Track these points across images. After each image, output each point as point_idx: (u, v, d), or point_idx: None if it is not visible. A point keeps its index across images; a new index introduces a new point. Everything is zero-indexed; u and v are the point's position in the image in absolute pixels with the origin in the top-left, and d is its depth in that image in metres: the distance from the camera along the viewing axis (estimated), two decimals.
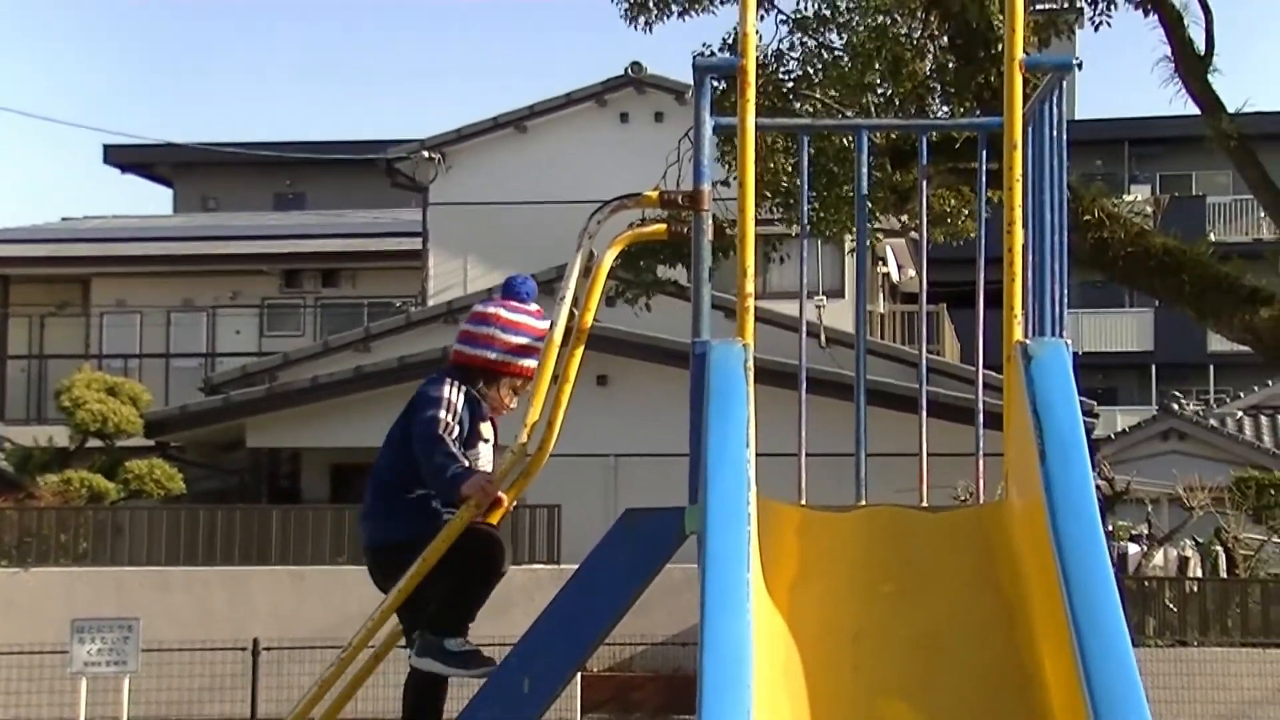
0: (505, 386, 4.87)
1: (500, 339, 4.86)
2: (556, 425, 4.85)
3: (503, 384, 4.87)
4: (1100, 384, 37.59)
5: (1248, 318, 10.74)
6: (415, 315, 23.44)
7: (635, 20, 13.27)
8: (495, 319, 4.90)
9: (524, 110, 25.63)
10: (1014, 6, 3.86)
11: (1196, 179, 39.13)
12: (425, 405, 4.81)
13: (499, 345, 4.85)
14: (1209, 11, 10.60)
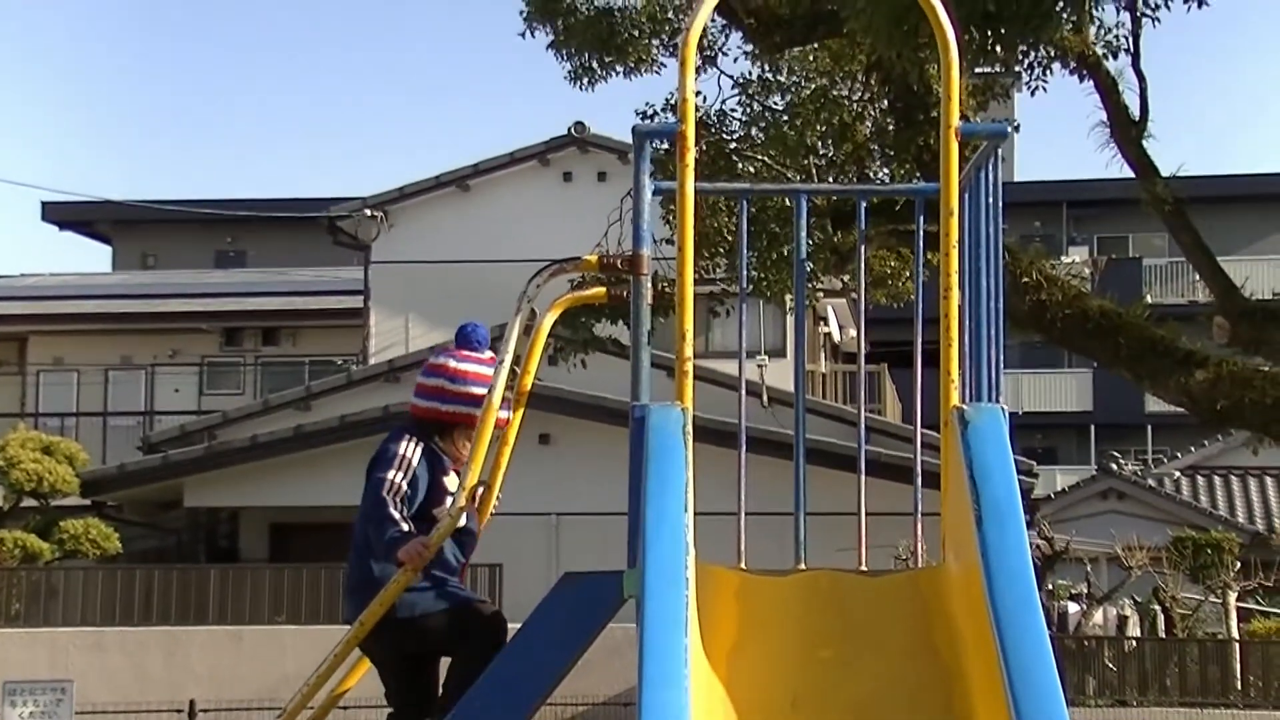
0: (460, 437, 4.81)
1: (449, 389, 4.81)
2: (496, 487, 4.83)
3: (457, 434, 4.81)
4: (1040, 443, 37.86)
5: (1183, 380, 10.82)
6: (356, 374, 23.35)
7: (579, 81, 13.34)
8: (443, 369, 4.86)
9: (467, 169, 25.68)
10: (950, 76, 3.90)
11: (1133, 241, 39.63)
12: (377, 465, 4.79)
13: (448, 395, 4.80)
14: (1143, 78, 10.73)
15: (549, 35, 13.24)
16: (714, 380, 16.64)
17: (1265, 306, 10.67)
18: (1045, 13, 9.25)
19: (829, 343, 29.10)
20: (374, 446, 4.81)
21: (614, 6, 13.49)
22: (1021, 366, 38.36)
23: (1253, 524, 28.37)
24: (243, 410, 23.28)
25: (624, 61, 13.38)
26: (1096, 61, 10.64)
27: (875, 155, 14.28)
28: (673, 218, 4.62)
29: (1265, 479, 30.19)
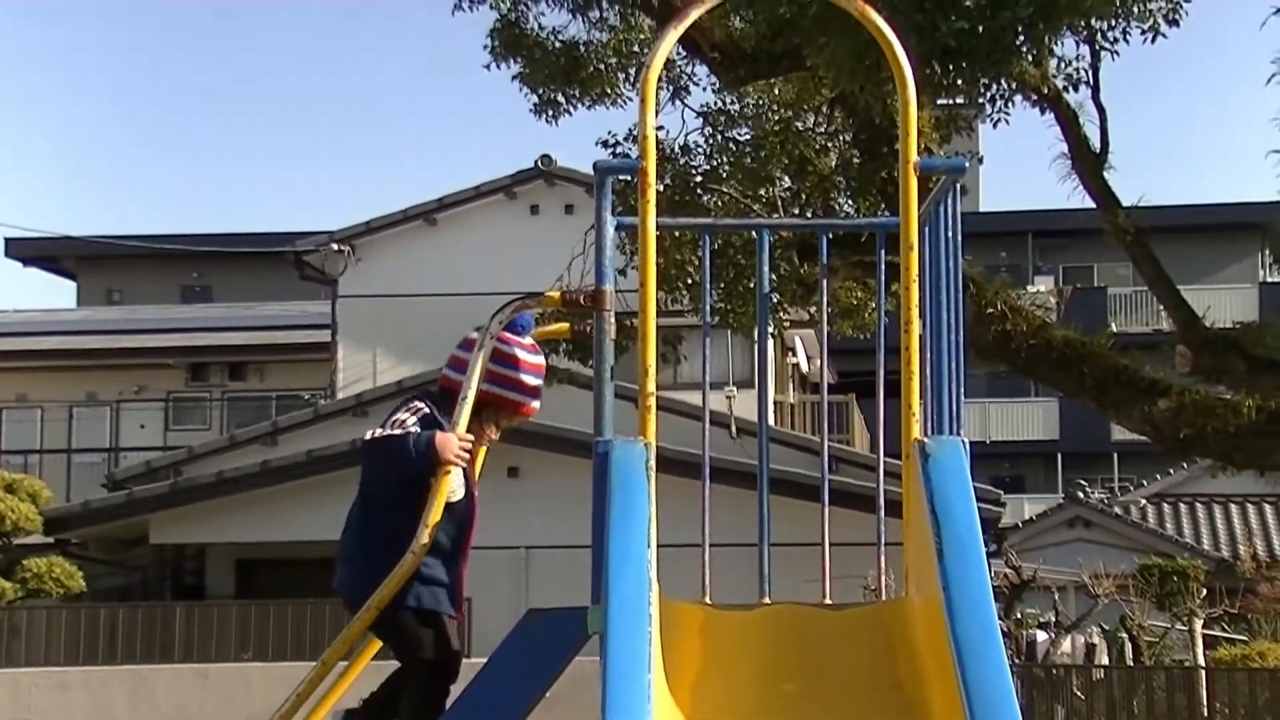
0: (489, 419, 4.66)
1: (490, 369, 4.60)
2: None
3: (484, 414, 4.63)
4: (1007, 472, 38.00)
5: (1147, 409, 10.88)
6: (324, 408, 23.28)
7: (544, 113, 13.38)
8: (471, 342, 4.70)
9: (433, 203, 25.69)
10: (908, 111, 3.94)
11: (1098, 271, 39.89)
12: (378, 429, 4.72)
13: (487, 374, 4.59)
14: (1103, 110, 10.83)
15: (515, 68, 13.29)
16: (681, 412, 16.65)
17: (1226, 335, 10.75)
18: (1005, 47, 9.34)
19: (797, 373, 29.17)
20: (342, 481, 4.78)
21: (580, 40, 13.56)
22: (988, 396, 38.54)
23: (1218, 551, 28.52)
24: (209, 446, 23.17)
25: (589, 95, 13.44)
26: (1057, 94, 10.73)
27: (840, 187, 14.36)
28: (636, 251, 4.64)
29: (1229, 506, 30.36)
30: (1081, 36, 10.19)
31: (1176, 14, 9.68)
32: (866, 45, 8.12)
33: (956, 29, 9.25)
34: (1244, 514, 30.19)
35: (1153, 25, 9.70)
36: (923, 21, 9.22)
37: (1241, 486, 25.74)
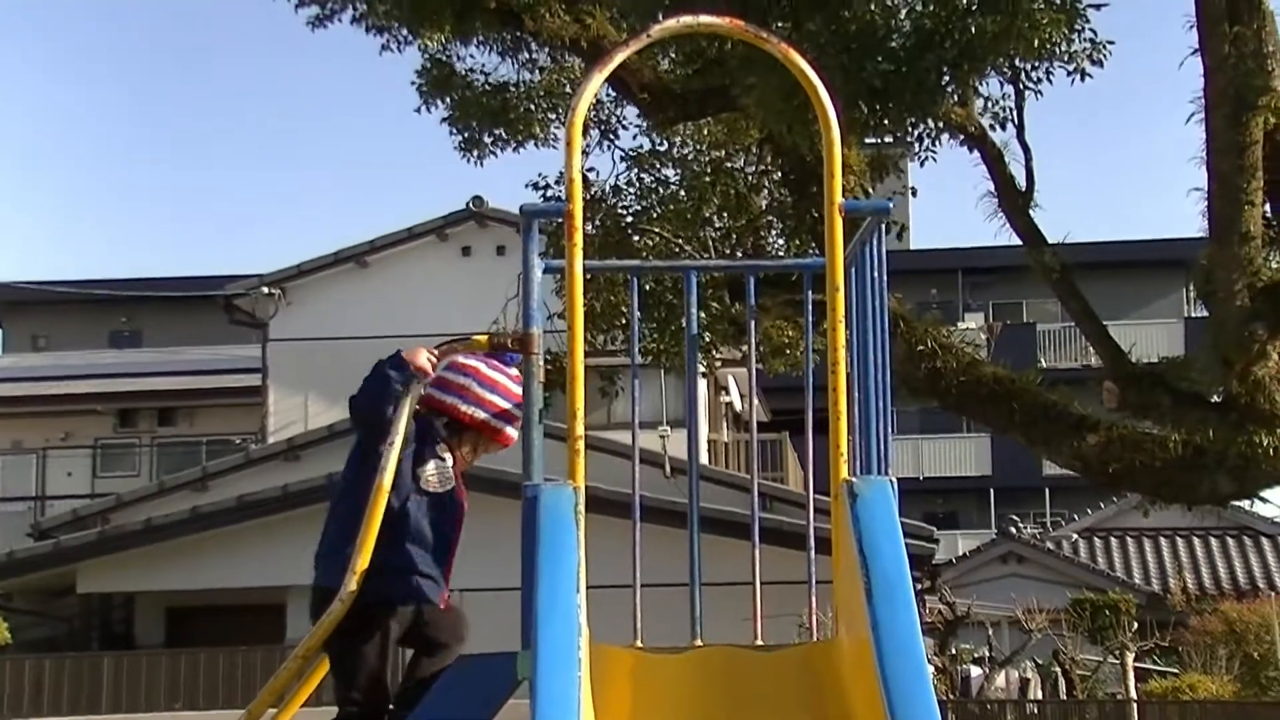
0: (469, 443, 4.72)
1: (475, 392, 4.66)
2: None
3: (465, 438, 4.71)
4: (940, 508, 38.23)
5: (1076, 445, 10.96)
6: (255, 453, 23.06)
7: (470, 154, 13.36)
8: (475, 372, 4.71)
9: (365, 245, 25.60)
10: (832, 153, 3.95)
11: (1027, 307, 40.30)
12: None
13: (472, 398, 4.66)
14: (1028, 149, 10.94)
15: (445, 110, 13.27)
16: (614, 451, 16.62)
17: (1152, 371, 10.85)
18: (930, 88, 9.42)
19: (730, 411, 29.23)
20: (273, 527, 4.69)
21: (509, 82, 13.56)
22: (921, 432, 38.79)
23: (1149, 584, 28.80)
24: (138, 493, 22.87)
25: (518, 136, 13.44)
26: (982, 134, 10.84)
27: (771, 226, 14.43)
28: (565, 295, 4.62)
29: (1159, 540, 30.67)
30: (1006, 77, 10.30)
31: (1100, 54, 9.80)
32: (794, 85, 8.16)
33: (882, 70, 9.33)
34: (1174, 547, 30.50)
35: (1077, 66, 9.81)
36: (848, 63, 9.30)
37: (1171, 520, 26.02)
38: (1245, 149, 9.50)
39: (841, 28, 9.47)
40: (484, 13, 11.19)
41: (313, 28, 11.92)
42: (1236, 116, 9.41)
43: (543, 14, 11.68)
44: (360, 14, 11.72)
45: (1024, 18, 9.20)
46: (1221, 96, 9.39)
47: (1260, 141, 9.60)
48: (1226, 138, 9.49)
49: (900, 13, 9.87)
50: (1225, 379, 10.05)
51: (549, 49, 13.03)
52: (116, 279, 34.17)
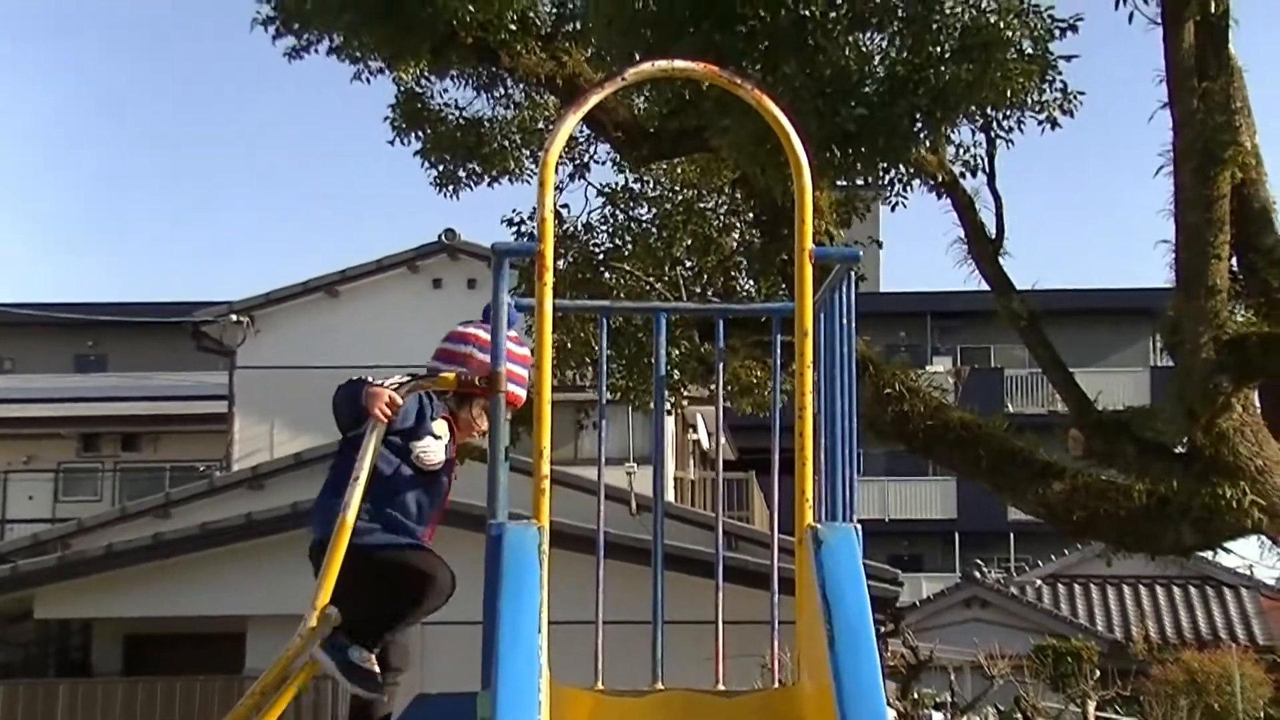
0: (477, 407, 4.76)
1: (477, 358, 4.67)
2: None
3: (475, 405, 4.75)
4: (905, 551, 38.28)
5: (1041, 491, 11.00)
6: (219, 480, 22.92)
7: (444, 188, 13.37)
8: (474, 339, 4.75)
9: (335, 275, 25.57)
10: (803, 200, 3.97)
11: (995, 352, 40.46)
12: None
13: (474, 365, 4.67)
14: (998, 197, 11.02)
15: (418, 143, 13.28)
16: (581, 487, 16.59)
17: (1118, 420, 10.90)
18: (903, 134, 9.49)
19: (697, 449, 29.23)
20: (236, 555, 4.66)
21: (484, 116, 13.58)
22: (888, 474, 38.86)
23: (1111, 632, 28.84)
24: (99, 518, 22.68)
25: (492, 171, 13.46)
26: (953, 180, 10.91)
27: (741, 267, 14.48)
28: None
29: (1123, 587, 30.74)
30: (977, 125, 10.38)
31: (1070, 104, 9.89)
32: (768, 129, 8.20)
33: (856, 115, 9.39)
34: (1136, 595, 30.59)
35: (1048, 115, 9.90)
36: (823, 107, 9.36)
37: (1135, 568, 26.08)
38: (1213, 203, 9.59)
39: (816, 72, 9.53)
40: (460, 48, 11.21)
41: (289, 59, 11.92)
42: (1204, 170, 9.50)
43: (519, 51, 11.71)
44: (336, 46, 11.72)
45: (996, 67, 9.29)
46: (1190, 150, 9.49)
47: (1227, 195, 9.69)
48: (1194, 191, 9.57)
49: (874, 59, 9.95)
50: (1190, 430, 10.10)
51: (524, 85, 13.07)
52: (83, 303, 34.03)
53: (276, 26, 11.79)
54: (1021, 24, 9.53)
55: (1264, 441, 10.14)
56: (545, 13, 12.53)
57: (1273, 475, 10.04)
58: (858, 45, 9.96)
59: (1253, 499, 9.96)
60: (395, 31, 10.64)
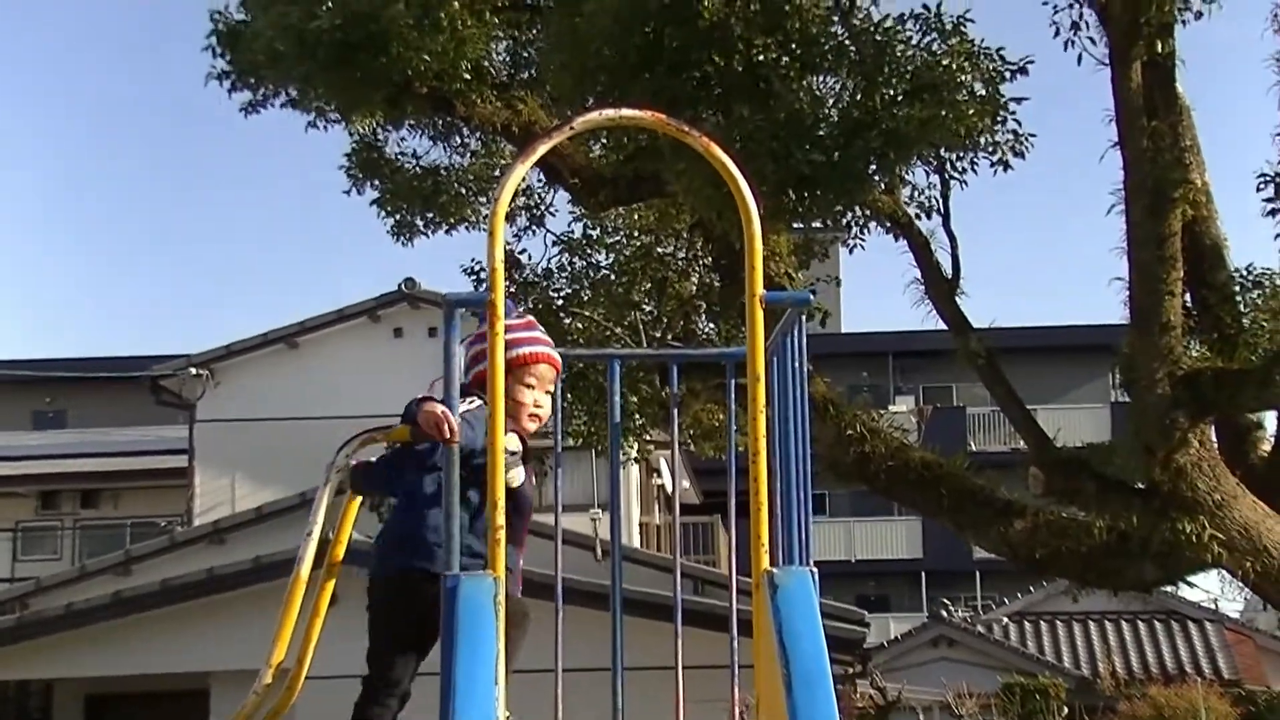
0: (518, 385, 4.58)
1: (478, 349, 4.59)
2: (306, 663, 4.70)
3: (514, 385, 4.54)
4: (872, 591, 38.29)
5: (1003, 530, 11.04)
6: (180, 536, 22.73)
7: (400, 236, 13.38)
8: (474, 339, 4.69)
9: (295, 326, 25.47)
10: (753, 245, 3.98)
11: (957, 390, 40.61)
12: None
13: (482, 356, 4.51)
14: (954, 238, 11.10)
15: (375, 192, 13.29)
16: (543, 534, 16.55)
17: (1077, 457, 10.97)
18: (858, 176, 9.56)
19: (662, 494, 29.19)
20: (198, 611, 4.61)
21: (440, 165, 13.61)
22: (853, 515, 38.91)
23: (1078, 669, 28.87)
24: (58, 577, 22.44)
25: (449, 220, 13.47)
26: (909, 222, 10.98)
27: (701, 311, 14.52)
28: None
29: (1089, 623, 30.79)
30: (932, 166, 10.46)
31: (1022, 146, 9.97)
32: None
33: (811, 158, 9.45)
34: (1103, 631, 30.65)
35: (1001, 157, 9.98)
36: (778, 150, 9.42)
37: (1100, 604, 26.15)
38: (1164, 240, 9.69)
39: (771, 116, 9.60)
40: (415, 98, 11.24)
41: (246, 114, 11.92)
42: (1155, 209, 9.59)
43: (474, 100, 11.75)
44: (292, 99, 11.73)
45: (948, 109, 9.37)
46: (1140, 189, 9.58)
47: (1179, 233, 9.79)
48: (1146, 229, 9.66)
49: (828, 102, 10.03)
50: (1148, 466, 10.16)
51: (480, 134, 13.11)
52: (40, 359, 33.80)
53: (232, 81, 11.80)
54: (973, 66, 9.63)
55: (1221, 476, 10.21)
56: (500, 61, 12.59)
57: (1231, 510, 10.10)
58: (811, 89, 10.05)
59: (1212, 533, 10.01)
60: (350, 82, 10.65)
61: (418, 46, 10.45)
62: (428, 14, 10.51)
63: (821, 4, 10.41)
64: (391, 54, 10.42)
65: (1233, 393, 10.09)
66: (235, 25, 11.61)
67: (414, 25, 10.40)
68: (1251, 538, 10.11)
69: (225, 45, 11.65)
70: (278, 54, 10.61)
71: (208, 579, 19.24)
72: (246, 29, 11.36)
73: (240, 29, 11.51)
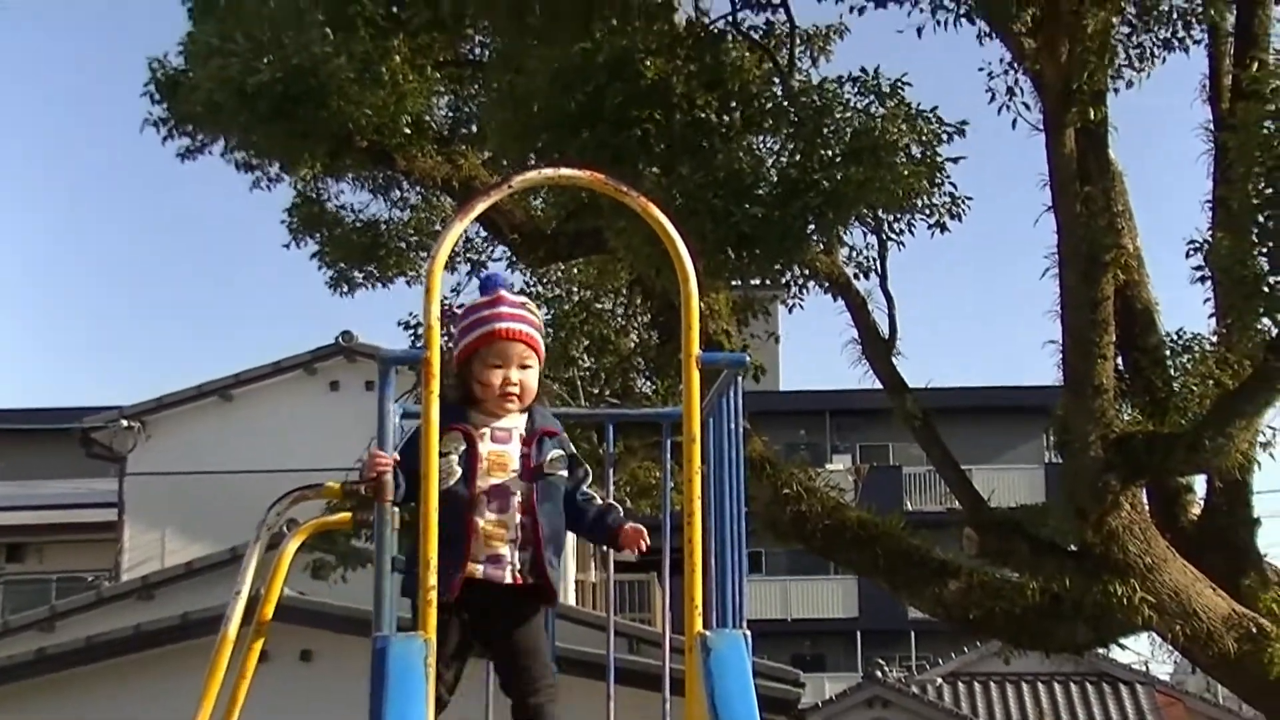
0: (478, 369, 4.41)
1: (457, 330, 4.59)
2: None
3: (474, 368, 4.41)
4: (808, 650, 38.25)
5: (937, 590, 11.08)
6: (107, 591, 22.37)
7: (339, 289, 13.34)
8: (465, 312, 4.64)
9: (230, 378, 25.25)
10: (690, 305, 3.98)
11: (893, 449, 40.79)
12: None
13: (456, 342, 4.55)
14: (891, 299, 11.17)
15: (314, 245, 13.25)
16: None
17: (1011, 518, 11.02)
18: (796, 235, 9.62)
19: (599, 552, 29.08)
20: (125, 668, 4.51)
21: (380, 219, 13.60)
22: (789, 573, 38.91)
23: None
24: None
25: (388, 274, 13.45)
26: (846, 282, 11.04)
27: (640, 368, 14.53)
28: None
29: (1021, 685, 30.86)
30: (869, 227, 10.54)
31: (959, 208, 10.07)
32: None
33: (750, 216, 9.51)
34: (1035, 693, 30.71)
35: (938, 219, 10.07)
36: (718, 208, 9.47)
37: (1033, 665, 26.20)
38: (1097, 304, 9.79)
39: (711, 174, 9.66)
40: (355, 152, 11.24)
41: (182, 159, 11.88)
42: (1088, 273, 9.70)
43: (414, 154, 11.76)
44: (231, 147, 11.70)
45: (886, 170, 9.47)
46: (1074, 253, 9.69)
47: (1111, 297, 9.90)
48: (1079, 293, 9.76)
49: (768, 162, 10.11)
50: (1080, 528, 10.23)
51: (421, 188, 13.11)
52: None
53: (169, 128, 11.76)
54: (910, 128, 9.74)
55: (1152, 539, 10.29)
56: (441, 116, 12.62)
57: (1161, 573, 10.17)
58: (752, 148, 10.12)
59: (1143, 596, 10.07)
60: (290, 135, 10.64)
61: (358, 101, 10.47)
62: (368, 68, 10.53)
63: (762, 64, 10.51)
64: (332, 108, 10.42)
65: (1164, 456, 10.18)
66: (174, 75, 11.58)
67: (355, 79, 10.42)
68: (1181, 601, 10.18)
69: (164, 94, 11.62)
70: (217, 106, 10.58)
71: (135, 636, 18.94)
72: (185, 79, 11.33)
73: (179, 79, 11.48)
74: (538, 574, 4.32)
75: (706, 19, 10.69)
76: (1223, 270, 9.00)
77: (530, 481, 4.37)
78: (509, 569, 4.29)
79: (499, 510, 4.31)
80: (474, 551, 4.27)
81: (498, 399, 4.41)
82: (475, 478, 4.31)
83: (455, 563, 4.25)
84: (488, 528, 4.29)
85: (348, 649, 20.14)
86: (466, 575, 4.25)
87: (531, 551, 4.33)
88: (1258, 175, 8.54)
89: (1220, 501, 11.05)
